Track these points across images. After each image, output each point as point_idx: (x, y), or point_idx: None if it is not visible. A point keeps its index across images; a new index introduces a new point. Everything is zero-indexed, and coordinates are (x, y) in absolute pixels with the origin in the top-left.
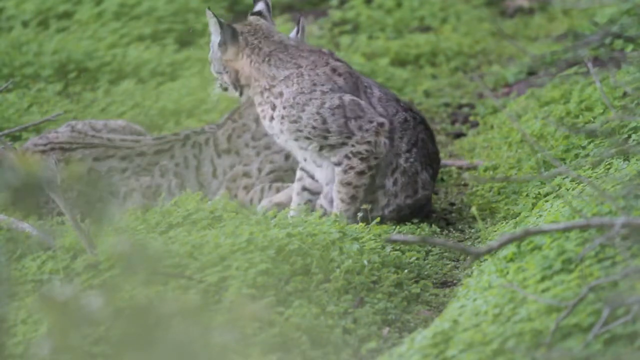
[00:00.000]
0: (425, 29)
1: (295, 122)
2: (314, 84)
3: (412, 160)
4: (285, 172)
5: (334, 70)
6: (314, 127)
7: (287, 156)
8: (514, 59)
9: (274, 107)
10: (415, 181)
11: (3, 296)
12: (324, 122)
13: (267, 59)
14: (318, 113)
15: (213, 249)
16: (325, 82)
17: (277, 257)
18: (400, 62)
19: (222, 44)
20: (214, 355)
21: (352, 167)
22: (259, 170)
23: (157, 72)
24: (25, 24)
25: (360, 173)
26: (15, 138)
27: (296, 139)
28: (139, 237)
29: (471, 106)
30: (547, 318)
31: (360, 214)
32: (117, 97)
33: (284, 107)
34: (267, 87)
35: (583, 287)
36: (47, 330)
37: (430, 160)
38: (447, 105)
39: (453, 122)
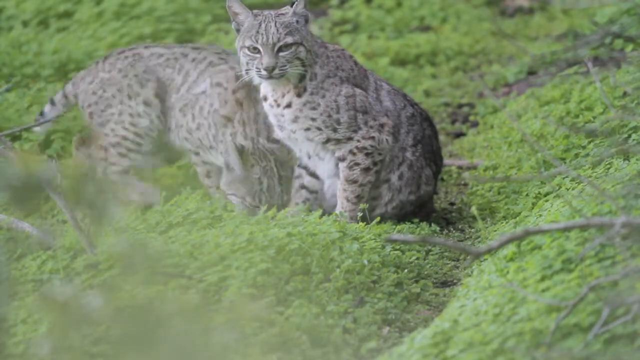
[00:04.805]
0: (425, 29)
1: (314, 108)
2: (337, 67)
3: (417, 154)
4: None
5: (351, 56)
6: (329, 116)
7: None
8: (514, 58)
9: (302, 92)
10: (419, 176)
11: (3, 296)
12: (338, 110)
13: (315, 35)
14: (335, 101)
15: (213, 248)
16: (345, 66)
17: (277, 257)
18: (400, 61)
19: (306, 20)
20: (214, 355)
21: (357, 164)
22: None
23: None
24: (25, 24)
25: (366, 169)
26: (15, 138)
27: (307, 129)
28: (139, 237)
29: (471, 106)
30: (547, 318)
31: (360, 214)
32: None
33: (312, 93)
34: (309, 64)
35: (583, 286)
36: (47, 330)
37: (434, 157)
38: (447, 105)
39: (453, 122)
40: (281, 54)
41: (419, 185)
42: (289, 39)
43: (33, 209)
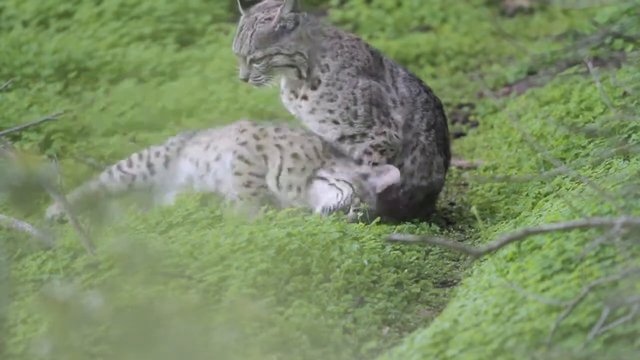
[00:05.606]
0: (425, 29)
1: (331, 100)
2: (352, 57)
3: (430, 139)
4: None
5: (366, 45)
6: (347, 108)
7: None
8: (514, 58)
9: (317, 85)
10: (431, 162)
11: (3, 296)
12: (355, 102)
13: (317, 29)
14: (352, 93)
15: (213, 248)
16: (361, 56)
17: (277, 257)
18: (400, 61)
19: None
20: (214, 355)
21: (375, 164)
22: None
23: (157, 71)
24: (25, 24)
25: None
26: (15, 138)
27: (322, 121)
28: (139, 237)
29: (471, 106)
30: (547, 318)
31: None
32: (117, 97)
33: (327, 85)
34: (318, 59)
35: (583, 286)
36: (47, 330)
37: (445, 145)
38: (447, 104)
39: (453, 122)
40: (254, 65)
41: (431, 172)
42: (258, 54)
43: (33, 209)
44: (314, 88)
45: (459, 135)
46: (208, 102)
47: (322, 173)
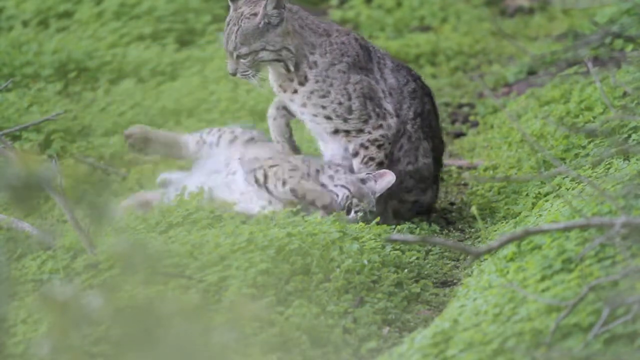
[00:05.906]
0: (425, 29)
1: (323, 96)
2: (342, 54)
3: (416, 127)
4: None
5: (356, 40)
6: (340, 103)
7: None
8: (514, 58)
9: (304, 81)
10: (417, 147)
11: (3, 296)
12: (349, 97)
13: (305, 24)
14: (345, 89)
15: (213, 248)
16: (350, 52)
17: (277, 257)
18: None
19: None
20: (214, 355)
21: (372, 158)
22: None
23: (157, 71)
24: (25, 24)
25: (380, 164)
26: (15, 138)
27: (315, 115)
28: (139, 237)
29: (471, 106)
30: (547, 318)
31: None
32: (117, 96)
33: (316, 81)
34: (306, 55)
35: (583, 286)
36: (47, 330)
37: (432, 133)
38: (447, 105)
39: (453, 122)
40: (241, 60)
41: (417, 157)
42: (244, 50)
43: (33, 209)
44: (301, 84)
45: (459, 135)
46: (208, 102)
47: (323, 179)
